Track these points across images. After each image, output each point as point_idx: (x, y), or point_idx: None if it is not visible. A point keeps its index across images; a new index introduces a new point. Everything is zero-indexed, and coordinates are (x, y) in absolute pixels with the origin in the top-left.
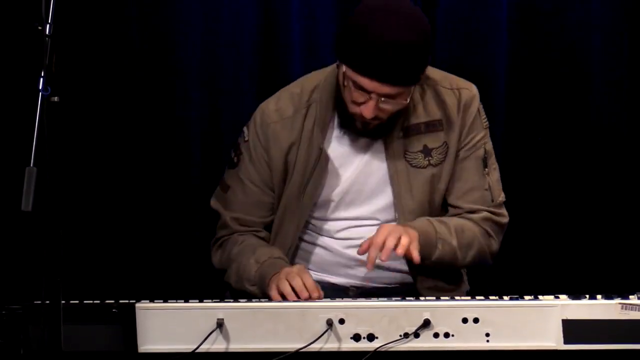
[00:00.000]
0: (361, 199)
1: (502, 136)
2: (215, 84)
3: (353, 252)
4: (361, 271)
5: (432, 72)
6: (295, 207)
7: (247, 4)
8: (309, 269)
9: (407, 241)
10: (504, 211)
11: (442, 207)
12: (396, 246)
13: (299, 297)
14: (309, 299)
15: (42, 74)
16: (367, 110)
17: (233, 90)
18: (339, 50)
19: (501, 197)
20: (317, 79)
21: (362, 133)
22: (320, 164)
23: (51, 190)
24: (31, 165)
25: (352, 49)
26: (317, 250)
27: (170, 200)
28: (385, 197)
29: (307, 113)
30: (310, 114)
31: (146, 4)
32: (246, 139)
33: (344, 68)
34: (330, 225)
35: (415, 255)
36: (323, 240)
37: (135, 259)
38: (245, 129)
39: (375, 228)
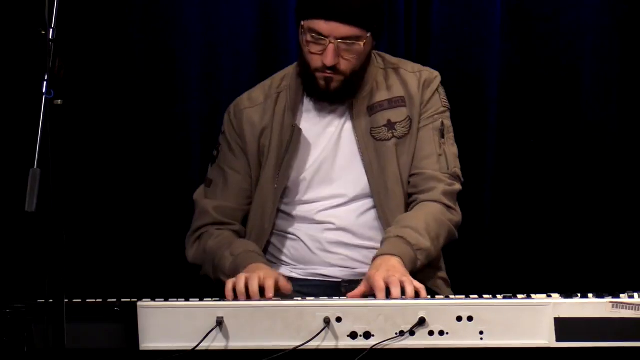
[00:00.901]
0: (333, 177)
1: (496, 138)
2: (215, 85)
3: (330, 235)
4: (342, 254)
5: (397, 59)
6: (270, 191)
7: (246, 4)
8: (289, 263)
9: (411, 289)
10: (457, 182)
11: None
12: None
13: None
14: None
15: (46, 78)
16: (328, 57)
17: (232, 92)
18: (297, 10)
19: (456, 169)
20: (285, 71)
21: (327, 96)
22: (294, 141)
23: (54, 191)
24: (35, 166)
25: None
26: (292, 238)
27: (171, 201)
28: (356, 173)
29: (278, 99)
30: (281, 99)
31: (148, 9)
32: (223, 131)
33: (302, 24)
34: (304, 210)
35: (424, 295)
36: (299, 226)
37: (137, 258)
38: (223, 126)
39: (349, 206)
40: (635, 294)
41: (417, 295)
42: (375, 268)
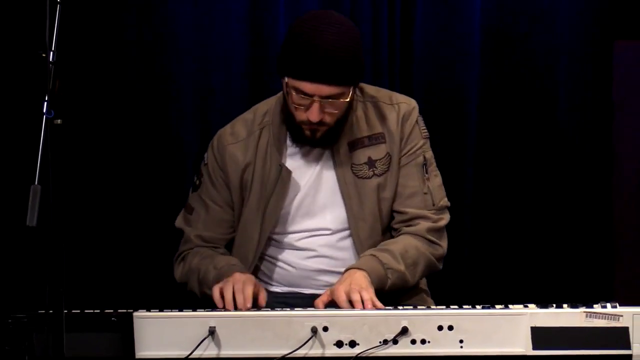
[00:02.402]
0: (315, 211)
1: (475, 155)
2: (208, 107)
3: (312, 263)
4: (324, 280)
5: (375, 90)
6: (254, 223)
7: (237, 28)
8: (276, 284)
9: (368, 296)
10: (444, 215)
11: (390, 214)
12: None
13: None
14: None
15: (46, 98)
16: (313, 114)
17: (224, 113)
18: (280, 65)
19: (442, 201)
20: (267, 105)
21: (312, 143)
22: (282, 179)
23: (54, 206)
24: (36, 183)
25: (290, 58)
26: (280, 264)
27: (166, 216)
28: (337, 208)
29: (261, 135)
30: (264, 136)
31: (143, 31)
32: (206, 162)
33: (286, 80)
34: (288, 239)
35: (379, 305)
36: (283, 254)
37: (133, 271)
38: (205, 154)
39: (329, 237)
40: (608, 304)
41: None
42: (340, 282)
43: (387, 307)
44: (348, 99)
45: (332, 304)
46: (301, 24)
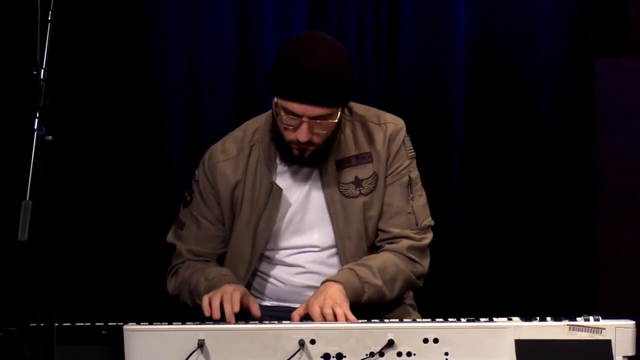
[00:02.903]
0: (303, 229)
1: (460, 169)
2: (197, 124)
3: (300, 279)
4: (310, 295)
5: (364, 109)
6: (246, 240)
7: (226, 45)
8: (267, 299)
9: (341, 310)
10: (427, 234)
11: (376, 232)
12: (335, 316)
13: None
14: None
15: (37, 115)
16: (302, 134)
17: (213, 129)
18: (270, 85)
19: (426, 221)
20: (257, 122)
21: (301, 162)
22: (273, 197)
23: (45, 220)
24: (27, 198)
25: (280, 79)
26: (270, 280)
27: (155, 232)
28: (325, 226)
29: (251, 153)
30: (254, 154)
31: (134, 48)
32: (196, 179)
33: (275, 100)
34: (279, 255)
35: (352, 318)
36: (274, 270)
37: (123, 284)
38: (196, 170)
39: (317, 254)
40: (591, 317)
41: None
42: (314, 296)
43: (373, 320)
44: (336, 120)
45: (307, 316)
46: (291, 45)
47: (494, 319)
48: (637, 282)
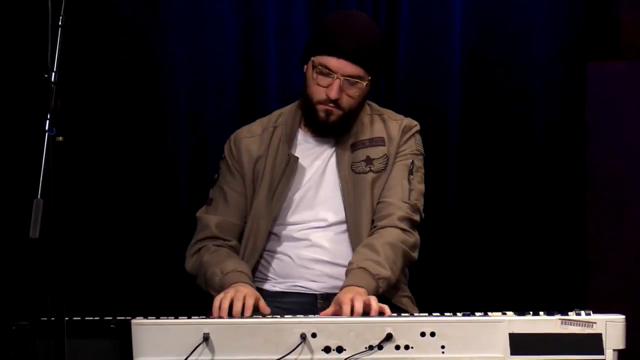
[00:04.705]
0: (315, 203)
1: (456, 170)
2: (201, 125)
3: (307, 252)
4: (318, 269)
5: (383, 109)
6: (264, 213)
7: (230, 52)
8: (272, 279)
9: (376, 303)
10: (416, 215)
11: None
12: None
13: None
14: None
15: (48, 117)
16: (332, 91)
17: (217, 134)
18: (308, 50)
19: (419, 203)
20: (282, 110)
21: (324, 129)
22: (290, 167)
23: (56, 219)
24: (38, 197)
25: (320, 39)
26: (277, 256)
27: (161, 230)
28: (336, 202)
29: (274, 132)
30: (277, 133)
31: (139, 53)
32: (223, 156)
33: (311, 60)
34: (287, 230)
35: (388, 312)
36: (281, 247)
37: (131, 279)
38: (224, 149)
39: (325, 229)
40: (582, 312)
41: (382, 314)
42: (343, 293)
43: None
44: (364, 86)
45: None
46: (335, 14)
47: (489, 313)
48: (627, 280)
